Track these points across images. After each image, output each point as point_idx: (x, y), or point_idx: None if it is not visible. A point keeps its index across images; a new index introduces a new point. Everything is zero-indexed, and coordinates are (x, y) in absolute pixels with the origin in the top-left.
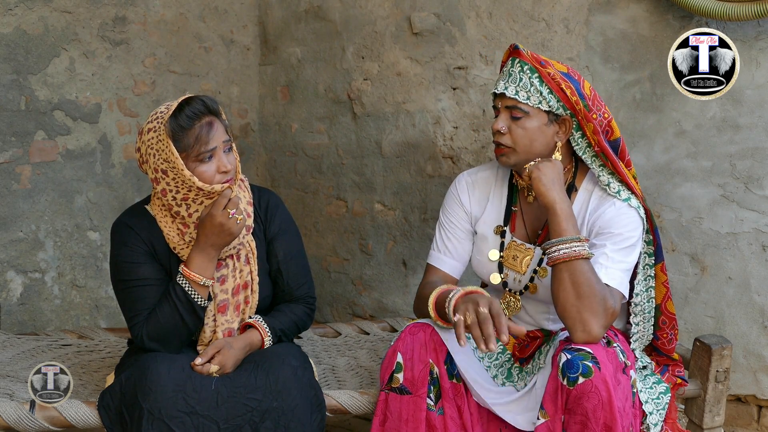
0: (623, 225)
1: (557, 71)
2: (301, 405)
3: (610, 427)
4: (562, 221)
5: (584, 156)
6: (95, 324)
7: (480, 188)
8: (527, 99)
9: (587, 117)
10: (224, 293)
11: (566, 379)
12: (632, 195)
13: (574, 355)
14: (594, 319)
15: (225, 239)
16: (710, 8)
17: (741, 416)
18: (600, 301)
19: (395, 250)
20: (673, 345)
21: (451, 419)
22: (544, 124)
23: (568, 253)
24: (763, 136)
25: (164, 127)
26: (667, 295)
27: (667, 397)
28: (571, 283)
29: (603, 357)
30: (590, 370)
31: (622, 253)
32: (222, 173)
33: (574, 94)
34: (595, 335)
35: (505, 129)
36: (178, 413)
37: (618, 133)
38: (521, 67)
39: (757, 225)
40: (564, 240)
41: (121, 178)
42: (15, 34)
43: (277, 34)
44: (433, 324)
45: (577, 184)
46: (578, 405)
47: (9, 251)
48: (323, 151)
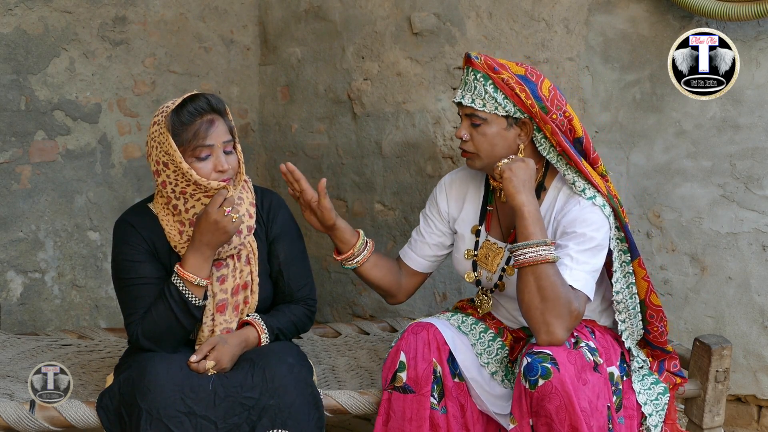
0: (587, 224)
1: (512, 75)
2: (298, 402)
3: (576, 427)
4: (529, 224)
5: (549, 156)
6: (95, 324)
7: (458, 188)
8: (483, 106)
9: (544, 119)
10: (223, 293)
11: (528, 382)
12: (597, 193)
13: (534, 357)
14: (557, 322)
15: (220, 238)
16: (710, 8)
17: (741, 416)
18: (564, 305)
19: (395, 250)
20: (665, 337)
21: (454, 418)
22: (504, 129)
23: (534, 257)
24: (763, 136)
25: (165, 121)
26: (650, 289)
27: (666, 398)
28: (536, 287)
29: (563, 358)
30: (549, 372)
31: (587, 254)
32: (218, 172)
33: (529, 98)
34: (558, 338)
35: (467, 136)
36: (176, 413)
37: (580, 132)
38: (475, 76)
39: (757, 225)
40: (530, 244)
41: (121, 178)
42: (15, 34)
43: (277, 34)
44: (436, 321)
45: (546, 184)
46: (541, 407)
47: (9, 251)
48: (323, 151)
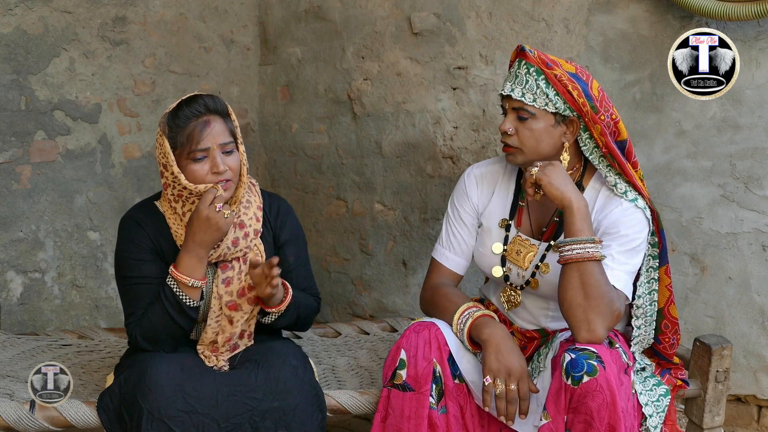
0: (630, 226)
1: (564, 72)
2: (302, 405)
3: (614, 427)
4: (577, 221)
5: (591, 156)
6: (95, 324)
7: (488, 181)
8: (533, 101)
9: (594, 119)
10: (229, 295)
11: (570, 378)
12: (639, 196)
13: (578, 354)
14: (599, 320)
15: (213, 235)
16: (710, 8)
17: (741, 416)
18: (607, 303)
19: (395, 250)
20: (674, 350)
21: (455, 418)
22: (551, 126)
23: (581, 253)
24: (763, 136)
25: (162, 124)
26: (671, 299)
27: (666, 400)
28: (581, 284)
29: (607, 357)
30: (595, 369)
31: (627, 254)
32: (215, 174)
33: (581, 96)
34: (599, 336)
35: (512, 130)
36: (177, 413)
37: (625, 135)
38: (527, 69)
39: (757, 225)
40: (579, 240)
41: (121, 178)
42: (15, 34)
43: (277, 34)
44: (438, 321)
45: (584, 184)
46: (583, 404)
47: (9, 251)
48: (323, 151)
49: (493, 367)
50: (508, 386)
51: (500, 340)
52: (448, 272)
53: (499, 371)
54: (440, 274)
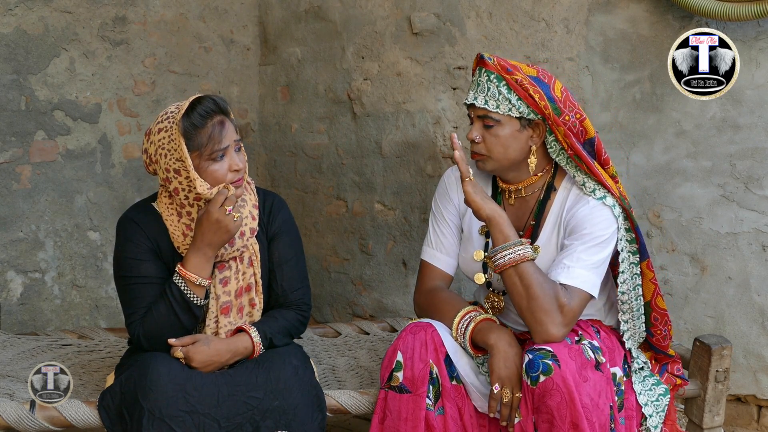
0: (595, 223)
1: (525, 76)
2: (303, 405)
3: (576, 424)
4: (504, 228)
5: (558, 158)
6: (95, 324)
7: None
8: (497, 108)
9: (557, 121)
10: (227, 295)
11: (529, 379)
12: (608, 193)
13: (535, 354)
14: (547, 318)
15: (222, 237)
16: (710, 8)
17: (741, 416)
18: (551, 299)
19: (395, 250)
20: (668, 341)
21: (452, 419)
22: (517, 130)
23: (513, 257)
24: (763, 136)
25: (177, 127)
26: (656, 292)
27: (666, 399)
28: (522, 287)
29: (563, 354)
30: (550, 368)
31: (592, 251)
32: (234, 171)
33: (543, 99)
34: (552, 334)
35: (479, 138)
36: (178, 412)
37: (593, 132)
38: (488, 77)
39: (757, 225)
40: (508, 246)
41: (121, 178)
42: (15, 34)
43: (277, 34)
44: (435, 322)
45: (556, 185)
46: (543, 404)
47: (9, 251)
48: (323, 151)
49: (502, 374)
50: (515, 394)
51: (507, 346)
52: (440, 273)
53: (509, 379)
54: (432, 277)
